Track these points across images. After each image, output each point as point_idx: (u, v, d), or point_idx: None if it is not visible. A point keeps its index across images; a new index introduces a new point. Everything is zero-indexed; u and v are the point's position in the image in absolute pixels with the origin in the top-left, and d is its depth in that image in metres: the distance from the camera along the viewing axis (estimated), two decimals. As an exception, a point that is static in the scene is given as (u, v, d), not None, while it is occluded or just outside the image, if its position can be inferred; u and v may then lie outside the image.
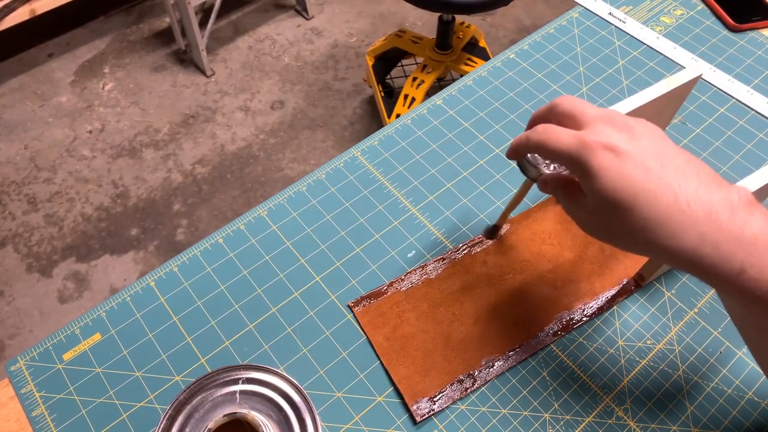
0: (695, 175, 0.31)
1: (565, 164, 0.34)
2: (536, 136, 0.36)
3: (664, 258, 0.32)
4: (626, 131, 0.33)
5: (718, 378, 0.44)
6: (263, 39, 1.84)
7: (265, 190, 1.51)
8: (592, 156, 0.32)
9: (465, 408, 0.43)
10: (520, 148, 0.38)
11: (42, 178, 1.53)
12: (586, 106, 0.35)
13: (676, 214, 0.30)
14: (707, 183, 0.31)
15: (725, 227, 0.30)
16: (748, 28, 0.65)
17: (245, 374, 0.37)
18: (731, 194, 0.31)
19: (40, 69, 1.76)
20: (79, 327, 0.46)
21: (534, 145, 0.36)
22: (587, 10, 0.68)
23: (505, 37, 1.84)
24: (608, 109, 0.36)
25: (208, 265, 0.49)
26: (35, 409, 0.43)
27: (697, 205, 0.30)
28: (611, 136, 0.32)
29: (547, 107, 0.38)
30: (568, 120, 0.36)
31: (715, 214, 0.30)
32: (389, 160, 0.56)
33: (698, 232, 0.30)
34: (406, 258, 0.50)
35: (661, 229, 0.31)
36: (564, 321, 0.46)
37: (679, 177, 0.31)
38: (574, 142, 0.33)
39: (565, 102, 0.36)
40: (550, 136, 0.35)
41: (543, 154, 0.36)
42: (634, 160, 0.31)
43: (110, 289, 1.35)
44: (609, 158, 0.32)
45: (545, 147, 0.35)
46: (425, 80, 1.46)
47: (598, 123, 0.34)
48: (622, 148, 0.32)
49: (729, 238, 0.30)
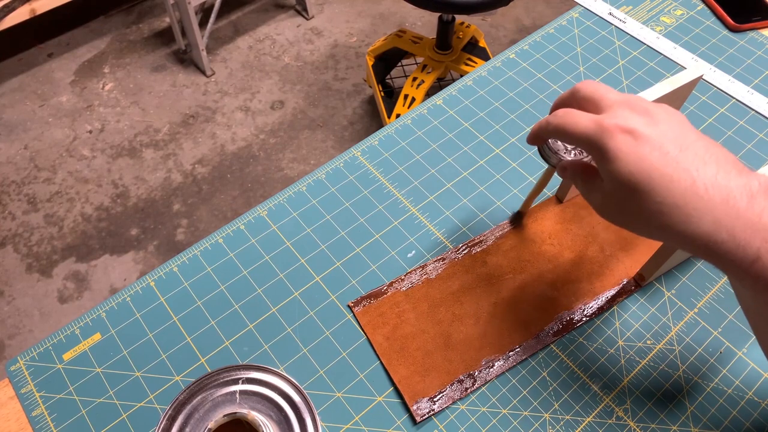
0: (715, 161, 0.31)
1: (584, 147, 0.34)
2: (555, 120, 0.36)
3: (679, 243, 0.32)
4: (646, 115, 0.33)
5: (718, 378, 0.44)
6: (263, 39, 1.84)
7: (265, 190, 1.51)
8: (610, 139, 0.32)
9: (465, 408, 0.43)
10: (541, 132, 0.38)
11: (42, 178, 1.53)
12: (607, 91, 0.35)
13: (693, 199, 0.30)
14: (727, 169, 0.31)
15: (742, 214, 0.29)
16: (748, 28, 0.65)
17: (245, 374, 0.37)
18: (751, 181, 0.30)
19: (40, 69, 1.76)
20: (79, 327, 0.46)
21: (553, 129, 0.36)
22: (587, 10, 0.68)
23: (505, 37, 1.84)
24: (629, 94, 0.36)
25: (208, 265, 0.49)
26: (35, 409, 0.43)
27: (715, 190, 0.30)
28: (630, 120, 0.32)
29: (569, 92, 0.38)
30: (589, 104, 0.36)
31: (732, 200, 0.30)
32: (389, 160, 0.56)
33: (714, 217, 0.30)
34: (406, 258, 0.50)
35: (677, 213, 0.30)
36: (564, 321, 0.46)
37: (697, 162, 0.31)
38: (592, 126, 0.33)
39: (586, 87, 0.36)
40: (569, 119, 0.35)
41: (562, 138, 0.36)
42: (652, 143, 0.31)
43: (110, 289, 1.35)
44: (627, 141, 0.32)
45: (564, 131, 0.35)
46: (425, 80, 1.46)
47: (618, 107, 0.34)
48: (640, 132, 0.32)
49: (746, 224, 0.29)
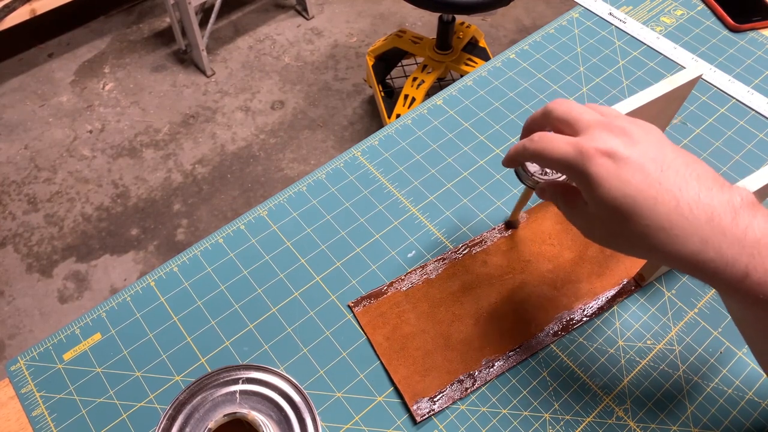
0: (695, 178, 0.31)
1: (563, 172, 0.34)
2: (533, 146, 0.35)
3: (667, 263, 0.32)
4: (623, 136, 0.32)
5: (718, 378, 0.44)
6: (263, 39, 1.84)
7: (265, 190, 1.51)
8: (591, 163, 0.32)
9: (465, 408, 0.43)
10: (518, 156, 0.37)
11: (42, 178, 1.53)
12: (582, 111, 0.35)
13: (678, 220, 0.30)
14: (708, 186, 0.31)
15: (728, 231, 0.29)
16: (748, 29, 0.65)
17: (245, 374, 0.37)
18: (733, 197, 0.30)
19: (40, 69, 1.76)
20: (79, 327, 0.46)
21: (530, 154, 0.36)
22: (587, 10, 0.68)
23: (505, 37, 1.84)
24: (605, 109, 0.36)
25: (208, 265, 0.49)
26: (35, 409, 0.43)
27: (699, 209, 0.30)
28: (609, 142, 0.32)
29: (541, 113, 0.37)
30: (564, 125, 0.35)
31: (717, 218, 0.30)
32: (389, 160, 0.56)
33: (701, 237, 0.30)
34: (406, 258, 0.50)
35: (663, 235, 0.30)
36: (564, 321, 0.46)
37: (679, 181, 0.31)
38: (571, 150, 0.33)
39: (559, 106, 0.36)
40: (546, 144, 0.34)
41: (540, 162, 0.36)
42: (633, 165, 0.31)
43: (110, 289, 1.35)
44: (607, 165, 0.31)
45: (542, 155, 0.35)
46: (425, 80, 1.46)
47: (595, 128, 0.33)
48: (620, 154, 0.31)
49: (732, 242, 0.29)
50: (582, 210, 0.35)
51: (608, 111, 0.36)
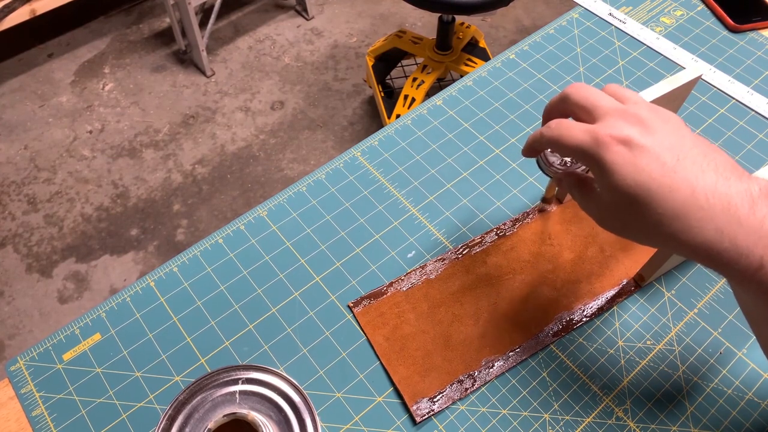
0: (713, 168, 0.30)
1: (580, 159, 0.34)
2: (549, 133, 0.35)
3: (680, 252, 0.31)
4: (640, 124, 0.32)
5: (718, 378, 0.44)
6: (263, 39, 1.84)
7: (265, 191, 1.51)
8: (606, 151, 0.32)
9: (465, 408, 0.43)
10: (535, 144, 0.37)
11: (42, 178, 1.53)
12: (599, 98, 0.35)
13: (694, 209, 0.30)
14: (726, 175, 0.30)
15: (744, 221, 0.29)
16: (748, 29, 0.65)
17: (245, 374, 0.37)
18: (752, 186, 0.30)
19: (40, 69, 1.76)
20: (78, 327, 0.46)
21: (547, 142, 0.36)
22: (587, 10, 0.68)
23: (505, 37, 1.84)
24: (626, 93, 0.35)
25: (208, 265, 0.49)
26: (35, 409, 0.43)
27: (716, 198, 0.30)
28: (625, 130, 0.32)
29: (559, 98, 0.37)
30: (581, 112, 0.35)
31: (734, 208, 0.29)
32: (389, 160, 0.56)
33: (716, 226, 0.29)
34: (406, 258, 0.50)
35: (678, 223, 0.30)
36: (564, 321, 0.46)
37: (696, 170, 0.30)
38: (587, 138, 0.33)
39: (577, 92, 0.36)
40: (563, 132, 0.34)
41: (557, 149, 0.36)
42: (648, 154, 0.31)
43: (110, 290, 1.35)
44: (623, 153, 0.31)
45: (558, 143, 0.34)
46: (425, 81, 1.46)
47: (611, 116, 0.33)
48: (636, 142, 0.31)
49: (748, 232, 0.29)
50: (596, 199, 0.35)
51: (630, 96, 0.35)
